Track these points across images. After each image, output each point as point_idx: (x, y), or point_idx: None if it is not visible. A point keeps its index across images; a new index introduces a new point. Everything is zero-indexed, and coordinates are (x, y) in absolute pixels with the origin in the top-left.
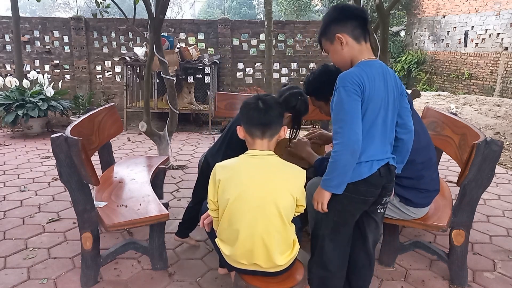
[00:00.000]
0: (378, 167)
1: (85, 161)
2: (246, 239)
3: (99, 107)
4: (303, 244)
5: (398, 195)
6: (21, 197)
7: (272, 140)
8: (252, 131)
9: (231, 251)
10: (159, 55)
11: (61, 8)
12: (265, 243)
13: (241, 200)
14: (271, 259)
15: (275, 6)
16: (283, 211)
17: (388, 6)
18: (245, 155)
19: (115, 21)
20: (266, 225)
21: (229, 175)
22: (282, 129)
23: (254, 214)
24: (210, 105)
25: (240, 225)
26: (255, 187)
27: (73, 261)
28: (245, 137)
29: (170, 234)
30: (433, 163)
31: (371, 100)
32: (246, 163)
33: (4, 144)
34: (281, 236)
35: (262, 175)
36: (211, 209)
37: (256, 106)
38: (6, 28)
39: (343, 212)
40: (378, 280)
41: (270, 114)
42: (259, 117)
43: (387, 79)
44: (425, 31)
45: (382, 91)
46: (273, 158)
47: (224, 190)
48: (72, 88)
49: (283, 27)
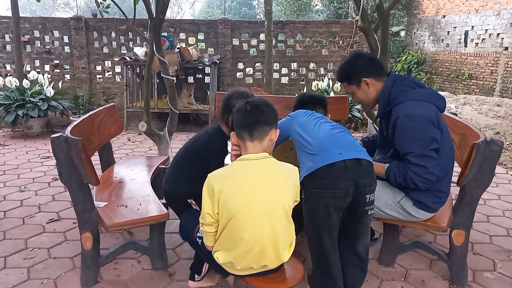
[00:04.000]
0: (342, 158)
1: (85, 161)
2: (255, 244)
3: (99, 107)
4: (303, 244)
5: (412, 198)
6: (21, 197)
7: (263, 142)
8: (240, 133)
9: (235, 259)
10: (159, 55)
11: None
12: (273, 244)
13: (248, 207)
14: (279, 258)
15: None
16: (288, 209)
17: (388, 6)
18: (240, 160)
19: (115, 21)
20: (273, 226)
21: (229, 185)
22: (273, 131)
23: (260, 218)
24: (210, 105)
25: (247, 232)
26: (259, 191)
27: (73, 261)
28: (238, 142)
29: (170, 234)
30: (452, 164)
31: None
32: (243, 169)
33: (4, 144)
34: (286, 234)
35: (263, 178)
36: (208, 223)
37: (243, 108)
38: (6, 28)
39: (317, 211)
40: (378, 280)
41: (255, 114)
42: (244, 119)
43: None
44: (425, 31)
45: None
46: (269, 159)
47: (227, 201)
48: (72, 88)
49: (283, 27)
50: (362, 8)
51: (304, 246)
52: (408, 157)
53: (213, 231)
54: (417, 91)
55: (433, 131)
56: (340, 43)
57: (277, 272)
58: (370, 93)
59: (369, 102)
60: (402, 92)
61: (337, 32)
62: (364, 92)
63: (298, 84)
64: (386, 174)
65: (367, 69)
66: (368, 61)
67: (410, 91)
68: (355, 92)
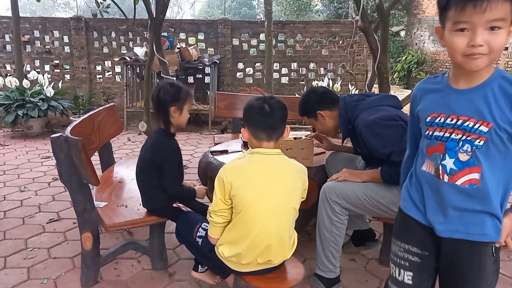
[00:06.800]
0: None
1: (85, 161)
2: (263, 239)
3: (99, 107)
4: (303, 244)
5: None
6: (21, 197)
7: (278, 142)
8: (258, 134)
9: (241, 253)
10: (159, 55)
11: (61, 8)
12: (280, 240)
13: (258, 202)
14: (284, 254)
15: (275, 6)
16: (296, 206)
17: (388, 6)
18: (255, 154)
19: (115, 21)
20: (281, 222)
21: (240, 178)
22: (285, 129)
23: (269, 214)
24: (210, 105)
25: (255, 227)
26: (270, 187)
27: (73, 261)
28: (250, 139)
29: (170, 234)
30: None
31: None
32: (256, 163)
33: (4, 144)
34: (292, 231)
35: (274, 174)
36: (218, 210)
37: (262, 110)
38: (6, 28)
39: None
40: (378, 280)
41: (276, 117)
42: (265, 121)
43: None
44: (425, 31)
45: None
46: (281, 156)
47: (237, 194)
48: (72, 88)
49: (283, 27)
50: (362, 8)
51: (304, 246)
52: (391, 158)
53: (222, 222)
54: (366, 101)
55: (396, 127)
56: (340, 43)
57: (277, 272)
58: (328, 123)
59: (329, 131)
60: (355, 108)
61: (337, 32)
62: (322, 123)
63: (298, 84)
64: (382, 177)
65: (320, 102)
66: (321, 95)
67: (361, 103)
68: (314, 123)
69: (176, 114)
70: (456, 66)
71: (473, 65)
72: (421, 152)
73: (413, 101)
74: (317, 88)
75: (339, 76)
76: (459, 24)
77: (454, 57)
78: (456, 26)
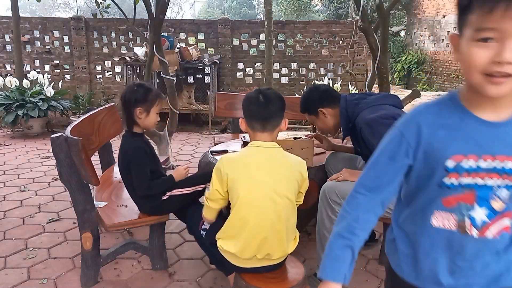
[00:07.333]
0: None
1: (85, 161)
2: (259, 230)
3: (99, 107)
4: (303, 244)
5: None
6: (21, 197)
7: (274, 133)
8: (252, 124)
9: (239, 246)
10: (159, 55)
11: (61, 8)
12: (277, 232)
13: (253, 193)
14: (283, 248)
15: (275, 6)
16: (292, 198)
17: (388, 6)
18: (251, 147)
19: (115, 21)
20: (277, 213)
21: (236, 169)
22: (283, 122)
23: (265, 205)
24: (210, 105)
25: (251, 218)
26: (265, 178)
27: (73, 261)
28: (247, 130)
29: (170, 234)
30: None
31: None
32: (252, 155)
33: (4, 144)
34: (290, 223)
35: (269, 165)
36: (214, 199)
37: (256, 100)
38: (6, 28)
39: None
40: (378, 280)
41: (270, 108)
42: (259, 111)
43: None
44: (425, 31)
45: None
46: (277, 149)
47: (233, 185)
48: (72, 88)
49: (283, 27)
50: (362, 8)
51: (304, 246)
52: None
53: (217, 208)
54: (367, 100)
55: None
56: (340, 43)
57: (277, 272)
58: (328, 121)
59: (329, 129)
60: (356, 106)
61: (337, 32)
62: (323, 121)
63: (298, 84)
64: None
65: (321, 100)
66: (322, 92)
67: (362, 101)
68: (315, 121)
69: (143, 115)
70: (472, 88)
71: (493, 90)
72: (425, 204)
73: (409, 138)
74: (319, 86)
75: (339, 76)
76: (483, 32)
77: (470, 76)
78: (479, 35)
